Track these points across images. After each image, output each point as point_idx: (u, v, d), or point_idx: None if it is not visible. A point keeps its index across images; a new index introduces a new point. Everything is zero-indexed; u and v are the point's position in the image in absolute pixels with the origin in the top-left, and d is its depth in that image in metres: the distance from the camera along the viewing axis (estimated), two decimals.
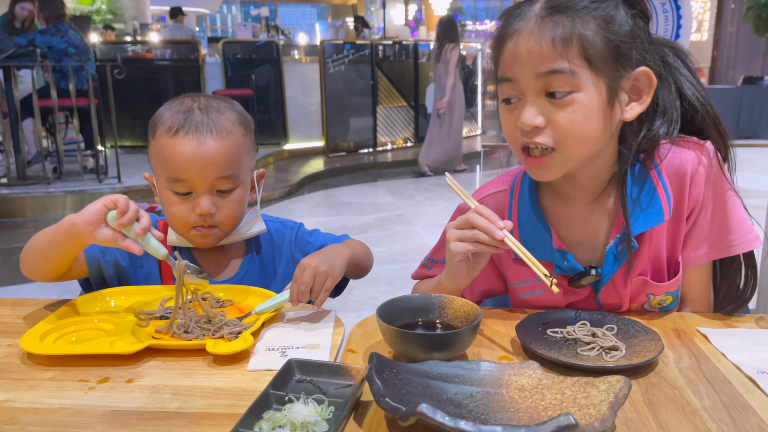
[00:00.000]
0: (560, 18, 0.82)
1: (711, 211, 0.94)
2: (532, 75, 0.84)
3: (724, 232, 0.94)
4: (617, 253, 0.94)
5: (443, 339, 0.78)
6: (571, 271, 0.96)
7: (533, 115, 0.84)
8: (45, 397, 0.74)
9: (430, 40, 9.72)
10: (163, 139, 1.03)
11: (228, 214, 1.06)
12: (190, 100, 1.07)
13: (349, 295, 3.09)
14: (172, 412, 0.70)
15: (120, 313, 0.95)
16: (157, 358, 0.83)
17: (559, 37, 0.82)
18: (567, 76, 0.82)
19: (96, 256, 1.08)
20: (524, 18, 0.85)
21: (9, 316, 0.99)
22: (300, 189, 5.78)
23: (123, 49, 7.37)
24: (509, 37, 0.86)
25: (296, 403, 0.66)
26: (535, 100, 0.85)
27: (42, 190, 4.78)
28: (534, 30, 0.83)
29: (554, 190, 0.99)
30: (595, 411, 0.62)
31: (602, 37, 0.82)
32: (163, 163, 1.04)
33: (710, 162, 0.93)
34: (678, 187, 0.93)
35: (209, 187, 1.04)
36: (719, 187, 0.94)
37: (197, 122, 1.02)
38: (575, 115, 0.83)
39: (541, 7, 0.84)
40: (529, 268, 0.89)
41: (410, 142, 7.97)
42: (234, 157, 1.04)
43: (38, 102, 4.74)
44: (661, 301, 0.98)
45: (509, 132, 0.90)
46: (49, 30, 4.81)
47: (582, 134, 0.85)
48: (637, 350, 0.80)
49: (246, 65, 7.10)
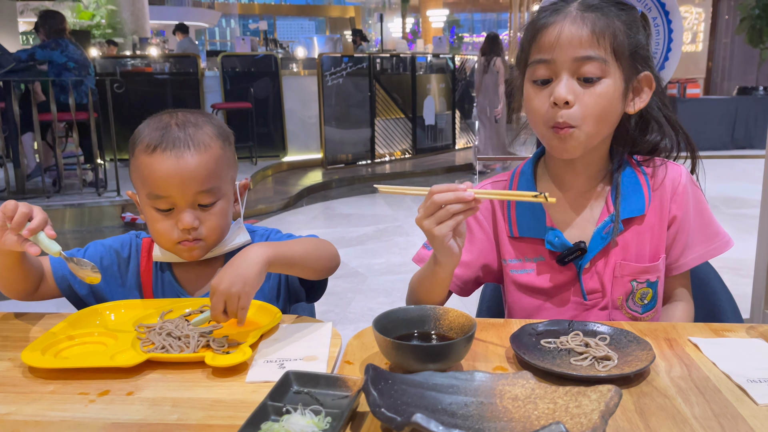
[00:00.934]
0: (598, 14, 0.97)
1: (695, 222, 1.08)
2: (570, 58, 0.96)
3: (709, 239, 1.09)
4: (603, 234, 1.05)
5: (438, 350, 0.79)
6: (561, 248, 1.05)
7: (567, 91, 0.96)
8: (46, 410, 0.75)
9: (427, 53, 9.80)
10: (141, 157, 1.04)
11: (212, 227, 1.07)
12: (167, 116, 1.08)
13: (348, 307, 3.10)
14: (171, 424, 0.71)
15: (120, 326, 0.96)
16: (157, 371, 0.84)
17: (598, 29, 0.96)
18: (600, 63, 0.96)
19: (65, 277, 1.10)
20: (562, 12, 0.98)
21: (10, 330, 1.00)
22: (299, 201, 5.80)
23: (122, 63, 7.42)
24: (548, 25, 0.98)
25: (294, 414, 0.67)
26: (568, 80, 0.96)
27: (41, 203, 4.79)
28: (576, 20, 0.96)
29: (551, 178, 1.11)
30: (587, 420, 0.63)
31: (626, 37, 0.98)
32: (143, 181, 1.05)
33: (690, 181, 1.09)
34: (661, 194, 1.07)
35: (190, 201, 1.04)
36: (699, 201, 1.09)
37: (174, 138, 1.03)
38: (600, 98, 0.97)
39: (579, 4, 0.98)
40: (523, 246, 1.07)
41: (408, 154, 8.01)
42: (213, 171, 1.05)
43: (38, 116, 4.77)
44: (644, 295, 1.06)
45: (538, 109, 1.00)
46: (49, 44, 4.85)
47: (603, 115, 0.98)
48: (629, 360, 0.81)
49: (245, 78, 7.15)
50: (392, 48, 10.15)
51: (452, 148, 8.63)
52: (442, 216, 0.89)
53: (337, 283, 3.43)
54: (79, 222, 4.77)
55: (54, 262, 1.11)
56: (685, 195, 1.07)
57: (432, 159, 7.95)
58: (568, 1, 0.99)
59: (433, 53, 9.17)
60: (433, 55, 8.84)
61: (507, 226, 1.10)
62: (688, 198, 1.08)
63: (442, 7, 21.42)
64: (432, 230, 0.90)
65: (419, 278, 1.07)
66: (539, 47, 0.98)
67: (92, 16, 9.79)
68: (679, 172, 1.09)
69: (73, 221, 4.76)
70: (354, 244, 4.30)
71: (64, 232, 4.69)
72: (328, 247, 1.10)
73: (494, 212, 1.13)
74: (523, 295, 1.11)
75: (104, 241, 1.17)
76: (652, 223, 1.07)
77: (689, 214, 1.08)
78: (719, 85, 12.02)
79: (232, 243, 1.13)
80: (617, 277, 1.06)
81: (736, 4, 11.31)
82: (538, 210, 1.08)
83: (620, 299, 1.07)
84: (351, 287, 3.42)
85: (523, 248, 1.09)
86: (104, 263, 1.13)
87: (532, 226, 1.08)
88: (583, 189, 1.09)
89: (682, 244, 1.08)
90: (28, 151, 5.16)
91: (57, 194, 5.03)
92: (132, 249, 1.16)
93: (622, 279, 1.06)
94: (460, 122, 8.86)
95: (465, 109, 8.97)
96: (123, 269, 1.15)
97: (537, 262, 1.08)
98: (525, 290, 1.10)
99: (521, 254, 1.10)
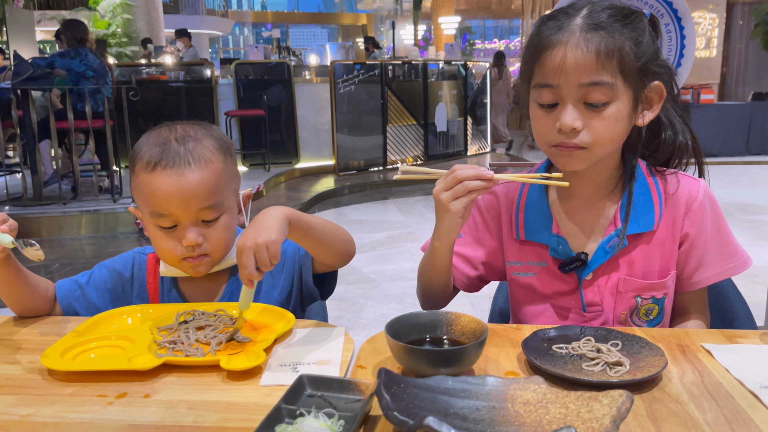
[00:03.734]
0: (603, 34, 0.92)
1: (712, 240, 1.05)
2: (575, 84, 0.93)
3: (726, 258, 1.06)
4: (607, 248, 1.04)
5: (450, 355, 0.80)
6: (564, 256, 1.05)
7: (573, 119, 0.94)
8: (65, 411, 0.76)
9: (439, 59, 9.83)
10: (142, 175, 1.03)
11: (217, 242, 1.06)
12: (166, 130, 1.06)
13: (360, 313, 3.11)
14: (187, 426, 0.73)
15: (137, 330, 0.98)
16: (173, 374, 0.86)
17: (603, 52, 0.91)
18: (607, 88, 0.93)
19: (71, 304, 1.12)
20: (566, 30, 0.93)
21: (29, 333, 1.02)
22: (311, 207, 5.82)
23: (138, 71, 7.51)
24: (552, 46, 0.94)
25: (307, 417, 0.68)
26: (574, 106, 0.94)
27: (58, 209, 4.85)
28: (580, 42, 0.92)
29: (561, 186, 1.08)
30: (598, 425, 0.64)
31: (634, 54, 0.93)
32: (145, 200, 1.04)
33: (708, 198, 1.05)
34: (674, 209, 1.05)
35: (194, 218, 1.03)
36: (717, 219, 1.06)
37: (174, 154, 1.02)
38: (609, 121, 0.95)
39: (583, 22, 0.93)
40: (527, 250, 1.08)
41: (420, 160, 8.02)
42: (215, 186, 1.04)
43: (55, 123, 4.83)
44: (648, 311, 1.05)
45: (544, 132, 0.99)
46: (68, 53, 4.92)
47: (612, 137, 0.97)
48: (641, 365, 0.82)
49: (258, 86, 7.21)
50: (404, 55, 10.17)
51: (464, 155, 8.63)
52: (459, 191, 0.93)
53: (350, 289, 3.44)
54: (95, 228, 4.82)
55: (60, 290, 1.12)
56: (701, 212, 1.04)
57: (444, 165, 7.87)
58: (571, 15, 0.94)
59: (445, 60, 9.19)
60: (445, 62, 8.86)
61: (514, 229, 1.11)
62: (704, 216, 1.05)
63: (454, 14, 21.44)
64: (448, 204, 0.94)
65: (422, 264, 1.11)
66: (543, 70, 0.95)
67: (108, 25, 9.92)
68: (697, 188, 1.05)
69: (89, 227, 4.82)
70: (366, 250, 4.31)
71: (80, 238, 4.75)
72: (344, 231, 1.11)
73: (500, 213, 1.14)
74: (525, 298, 1.12)
75: (107, 262, 1.17)
76: (662, 239, 1.04)
77: (705, 232, 1.05)
78: (734, 90, 11.93)
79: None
80: (620, 293, 1.05)
81: (750, 9, 11.23)
82: (545, 216, 1.08)
83: (624, 314, 1.06)
84: (363, 293, 3.43)
85: (527, 252, 1.10)
86: (108, 286, 1.15)
87: (539, 231, 1.07)
88: (592, 199, 1.07)
89: (696, 262, 1.05)
90: (45, 158, 5.23)
91: (73, 201, 5.09)
92: (135, 268, 1.16)
93: (625, 294, 1.05)
94: (472, 128, 8.86)
95: (477, 115, 8.97)
96: (127, 289, 1.15)
97: (540, 266, 1.09)
98: (527, 294, 1.11)
99: (525, 257, 1.10)
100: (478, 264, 1.16)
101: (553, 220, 1.07)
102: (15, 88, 4.72)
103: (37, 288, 1.09)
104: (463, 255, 1.16)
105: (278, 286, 1.14)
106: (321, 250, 1.08)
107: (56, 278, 1.15)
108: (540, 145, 1.02)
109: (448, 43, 11.27)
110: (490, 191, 1.14)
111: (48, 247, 4.48)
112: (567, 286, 1.07)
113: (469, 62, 8.95)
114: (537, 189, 1.10)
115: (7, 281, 1.03)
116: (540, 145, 1.02)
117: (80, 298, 1.12)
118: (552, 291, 1.08)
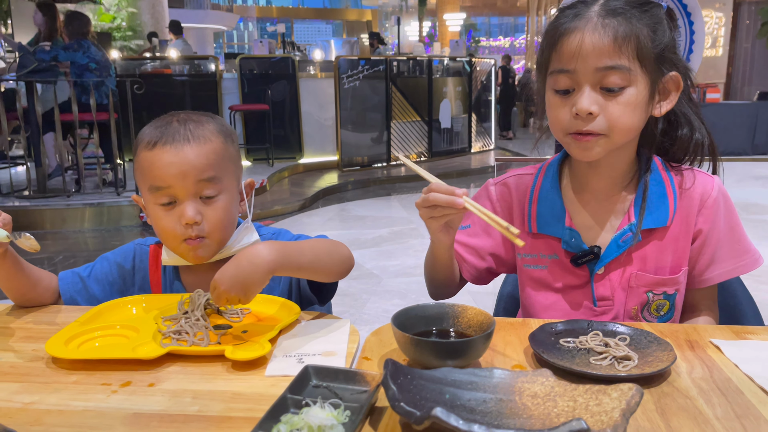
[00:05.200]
0: (620, 19, 0.92)
1: (724, 237, 1.05)
2: (593, 68, 0.92)
3: (737, 255, 1.05)
4: (620, 242, 1.03)
5: (457, 347, 0.79)
6: (576, 249, 1.05)
7: (590, 103, 0.93)
8: (69, 399, 0.76)
9: (444, 56, 9.80)
10: (143, 153, 1.04)
11: (214, 222, 1.04)
12: (169, 116, 1.08)
13: (363, 308, 3.11)
14: (191, 415, 0.72)
15: (141, 319, 0.97)
16: (178, 364, 0.85)
17: (621, 36, 0.91)
18: (623, 72, 0.92)
19: (73, 297, 1.12)
20: (583, 17, 0.94)
21: (33, 322, 1.02)
22: (314, 203, 5.82)
23: (142, 65, 7.51)
24: (569, 32, 0.94)
25: (313, 407, 0.68)
26: (591, 91, 0.93)
27: (62, 202, 4.86)
28: (597, 27, 0.92)
29: (575, 179, 1.09)
30: (607, 418, 0.63)
31: (651, 41, 0.93)
32: (144, 175, 1.04)
33: (722, 195, 1.05)
34: (688, 204, 1.04)
35: (191, 192, 1.02)
36: (731, 216, 1.06)
37: (174, 132, 1.03)
38: (626, 107, 0.94)
39: (600, 9, 0.94)
40: (539, 242, 1.07)
41: (424, 157, 8.01)
42: (213, 161, 1.04)
43: (59, 116, 4.84)
44: (659, 306, 1.04)
45: (560, 119, 0.98)
46: (71, 46, 4.92)
47: (629, 124, 0.96)
48: (649, 360, 0.81)
49: (262, 81, 7.20)
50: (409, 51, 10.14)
51: (468, 152, 8.61)
52: (434, 213, 0.93)
53: (352, 285, 3.44)
54: (99, 221, 4.83)
55: (62, 283, 1.12)
56: (715, 209, 1.04)
57: (448, 162, 7.93)
58: (588, 4, 0.95)
59: (450, 56, 9.16)
60: (450, 59, 8.83)
61: (526, 222, 1.10)
62: (717, 212, 1.04)
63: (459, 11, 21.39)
64: (424, 220, 0.96)
65: (426, 257, 1.12)
66: (560, 56, 0.95)
67: (113, 18, 9.92)
68: (712, 184, 1.05)
69: (92, 220, 4.82)
70: (369, 246, 4.30)
71: (84, 231, 4.75)
72: (340, 249, 1.05)
73: (511, 205, 1.13)
74: (535, 291, 1.11)
75: (108, 255, 1.17)
76: (675, 235, 1.04)
77: (718, 228, 1.04)
78: (739, 90, 11.88)
79: (240, 244, 1.10)
80: (632, 287, 1.04)
81: (757, 8, 11.18)
82: (558, 208, 1.07)
83: (635, 309, 1.05)
84: (366, 288, 3.43)
85: (539, 245, 1.09)
86: (110, 278, 1.14)
87: (551, 224, 1.07)
88: (607, 192, 1.06)
89: (708, 258, 1.05)
90: (49, 150, 5.24)
91: (77, 193, 5.10)
92: (136, 259, 1.16)
93: (637, 289, 1.04)
94: (477, 126, 8.84)
95: (481, 112, 8.95)
96: (128, 282, 1.15)
97: (551, 259, 1.08)
98: (537, 286, 1.10)
99: (536, 250, 1.09)
100: (486, 255, 1.15)
101: (566, 213, 1.06)
102: (20, 80, 4.72)
103: (39, 280, 1.08)
104: (470, 246, 1.15)
105: (276, 289, 1.14)
106: (316, 277, 1.05)
107: (59, 270, 1.15)
108: (556, 134, 1.01)
109: (453, 40, 11.25)
110: (502, 183, 1.15)
111: (51, 240, 4.49)
112: (578, 280, 1.07)
113: (474, 58, 8.92)
114: (550, 181, 1.09)
115: (8, 275, 1.03)
116: (556, 134, 1.01)
117: (82, 290, 1.12)
118: (563, 284, 1.08)
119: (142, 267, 1.16)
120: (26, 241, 0.97)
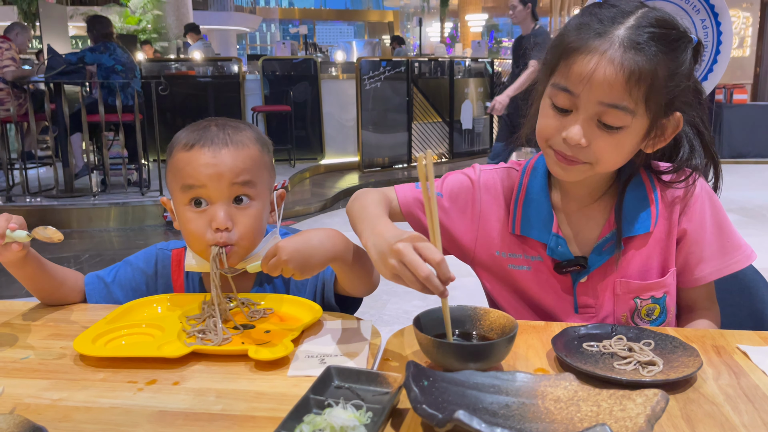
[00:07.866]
0: (641, 57, 0.85)
1: (711, 236, 1.03)
2: (596, 100, 0.88)
3: (727, 252, 1.03)
4: (603, 250, 1.02)
5: (480, 350, 0.79)
6: (561, 257, 1.03)
7: (581, 135, 0.90)
8: (97, 396, 0.77)
9: (466, 56, 9.77)
10: (179, 154, 1.03)
11: (244, 230, 1.02)
12: (207, 121, 1.08)
13: (383, 309, 3.11)
14: (215, 414, 0.73)
15: (166, 318, 0.99)
16: (202, 363, 0.86)
17: (636, 77, 0.85)
18: (626, 113, 0.87)
19: (97, 302, 1.14)
20: (606, 39, 0.86)
21: (61, 320, 1.04)
22: (335, 203, 5.84)
23: (167, 67, 7.60)
24: (585, 51, 0.87)
25: (336, 408, 0.68)
26: (587, 120, 0.90)
27: (88, 202, 4.95)
28: (615, 60, 0.85)
29: (559, 184, 1.06)
30: (632, 423, 0.62)
31: (665, 87, 0.88)
32: (178, 174, 1.03)
33: (706, 193, 1.03)
34: (670, 206, 1.03)
35: (225, 195, 1.01)
36: (717, 213, 1.04)
37: (213, 136, 1.03)
38: (617, 144, 0.91)
39: (626, 36, 0.86)
40: (523, 246, 1.05)
41: (444, 158, 7.99)
42: (249, 166, 1.03)
43: (86, 117, 4.92)
44: (650, 311, 1.03)
45: (548, 132, 0.94)
46: (98, 48, 5.01)
47: (615, 159, 0.94)
48: (675, 366, 0.80)
49: (284, 82, 7.25)
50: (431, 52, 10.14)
51: (489, 153, 8.57)
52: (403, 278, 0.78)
53: None
54: (123, 221, 4.91)
55: (88, 287, 1.14)
56: (699, 208, 1.02)
57: (468, 163, 7.81)
58: (616, 24, 0.87)
59: (472, 57, 9.13)
60: (472, 59, 8.80)
61: (510, 220, 1.07)
62: (702, 211, 1.02)
63: (481, 12, 21.30)
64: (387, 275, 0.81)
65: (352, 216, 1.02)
66: (567, 73, 0.89)
67: (138, 21, 10.07)
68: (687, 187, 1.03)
69: (117, 220, 4.90)
70: None
71: (109, 230, 4.83)
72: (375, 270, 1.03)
73: (497, 197, 1.09)
74: (518, 291, 1.09)
75: (131, 259, 1.18)
76: (659, 238, 1.02)
77: (704, 227, 1.02)
78: (767, 91, 11.63)
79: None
80: (618, 295, 1.03)
81: None
82: (546, 213, 1.04)
83: (624, 316, 1.04)
84: (386, 289, 3.43)
85: (523, 245, 1.06)
86: (133, 285, 1.16)
87: (537, 229, 1.04)
88: (588, 201, 1.04)
89: (696, 257, 1.03)
90: (76, 150, 5.33)
91: (103, 193, 5.18)
92: (158, 265, 1.17)
93: (624, 296, 1.03)
94: (498, 127, 8.79)
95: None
96: (151, 287, 1.16)
97: (535, 261, 1.06)
98: (519, 287, 1.08)
99: (521, 250, 1.07)
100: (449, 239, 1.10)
101: (554, 220, 1.04)
102: (48, 82, 4.82)
103: (65, 280, 1.10)
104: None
105: (303, 294, 1.13)
106: (350, 284, 1.05)
107: (85, 269, 1.18)
108: (539, 141, 0.97)
109: (475, 41, 11.21)
110: (492, 170, 1.11)
111: (78, 239, 4.57)
112: (560, 285, 1.05)
113: (496, 59, 8.88)
114: (538, 184, 1.06)
115: (32, 276, 1.05)
116: (539, 141, 0.97)
117: (106, 296, 1.14)
118: (545, 287, 1.06)
119: (164, 273, 1.16)
120: (43, 232, 0.96)
